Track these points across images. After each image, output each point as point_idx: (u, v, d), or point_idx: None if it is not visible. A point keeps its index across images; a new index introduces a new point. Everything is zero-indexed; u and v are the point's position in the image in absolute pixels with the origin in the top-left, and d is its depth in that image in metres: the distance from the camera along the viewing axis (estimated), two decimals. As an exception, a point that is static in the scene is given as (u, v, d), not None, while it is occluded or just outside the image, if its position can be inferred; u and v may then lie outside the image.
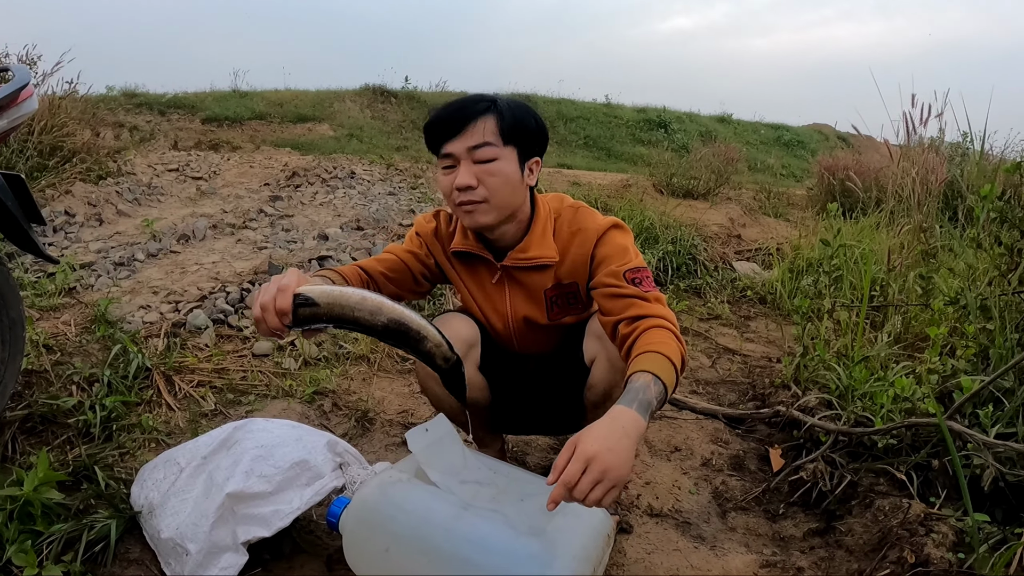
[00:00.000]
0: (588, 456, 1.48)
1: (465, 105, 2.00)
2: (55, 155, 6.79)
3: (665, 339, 1.82)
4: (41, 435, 2.50)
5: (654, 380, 1.69)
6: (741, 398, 3.61)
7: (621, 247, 2.10)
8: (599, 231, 2.12)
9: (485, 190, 1.99)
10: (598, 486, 1.48)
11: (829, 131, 22.84)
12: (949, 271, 3.93)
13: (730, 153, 10.05)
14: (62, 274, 4.11)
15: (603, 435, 1.53)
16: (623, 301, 1.98)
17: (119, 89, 14.42)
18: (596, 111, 19.18)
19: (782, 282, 5.33)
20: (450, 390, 1.87)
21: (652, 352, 1.78)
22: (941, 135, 7.81)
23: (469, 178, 1.97)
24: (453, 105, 2.02)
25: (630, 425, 1.57)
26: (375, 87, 16.93)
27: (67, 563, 1.89)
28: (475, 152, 1.96)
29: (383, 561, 1.77)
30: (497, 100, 2.02)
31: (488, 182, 1.98)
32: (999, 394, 2.45)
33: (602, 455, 1.49)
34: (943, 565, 1.94)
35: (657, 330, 1.86)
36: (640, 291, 1.98)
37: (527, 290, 2.21)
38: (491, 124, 1.97)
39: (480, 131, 1.96)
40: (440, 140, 2.01)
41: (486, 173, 1.98)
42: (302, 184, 8.12)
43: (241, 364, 3.30)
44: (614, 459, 1.49)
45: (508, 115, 1.99)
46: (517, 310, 2.24)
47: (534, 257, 2.14)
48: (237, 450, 2.08)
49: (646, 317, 1.91)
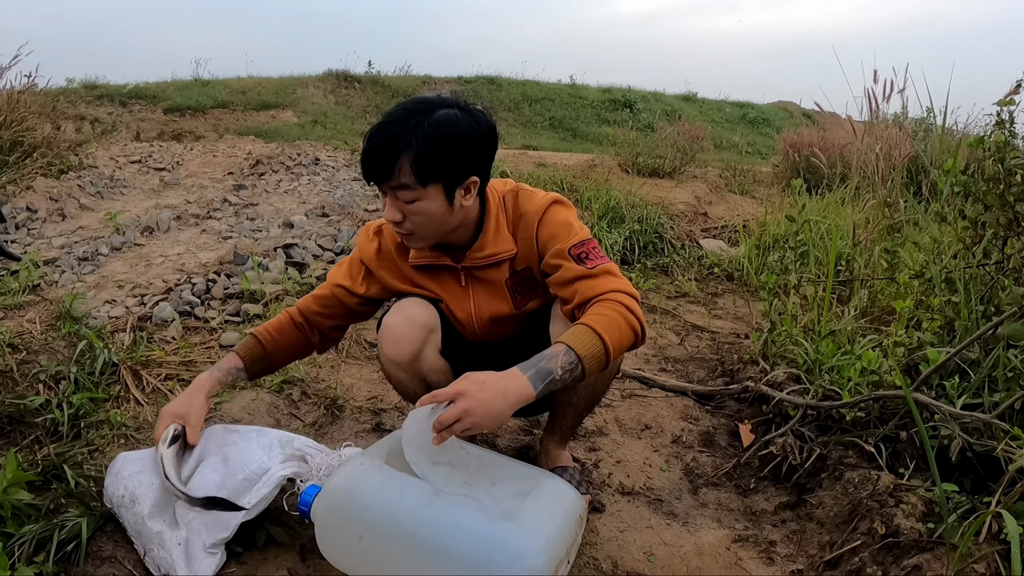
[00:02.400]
0: (460, 392, 1.68)
1: (381, 143, 1.90)
2: (15, 150, 6.71)
3: (600, 310, 1.88)
4: (9, 435, 2.47)
5: (566, 351, 1.78)
6: (710, 375, 3.63)
7: (564, 223, 2.11)
8: (539, 212, 2.13)
9: (411, 224, 1.99)
10: (457, 423, 1.66)
11: (794, 108, 22.95)
12: (914, 245, 3.97)
13: (695, 132, 10.07)
14: (25, 271, 4.05)
15: (484, 385, 1.70)
16: (571, 288, 2.01)
17: (79, 81, 14.28)
18: (561, 92, 19.18)
19: (749, 259, 5.37)
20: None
21: (577, 325, 1.85)
22: (904, 111, 7.88)
23: (394, 214, 1.98)
24: (372, 139, 1.92)
25: (513, 389, 1.71)
26: (338, 72, 16.86)
27: (39, 564, 1.86)
28: (396, 192, 1.94)
29: (357, 549, 1.77)
30: (417, 130, 1.88)
31: (412, 219, 1.98)
32: (965, 366, 2.48)
33: (471, 400, 1.67)
34: (913, 535, 1.96)
35: (597, 304, 1.91)
36: (585, 269, 2.00)
37: (489, 285, 2.21)
38: (406, 165, 1.88)
39: (397, 173, 1.90)
40: (365, 176, 1.97)
41: (410, 212, 1.96)
42: (266, 172, 8.06)
43: (209, 356, 3.27)
44: (479, 408, 1.66)
45: (427, 151, 1.88)
46: (481, 309, 2.24)
47: (492, 254, 2.14)
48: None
49: (592, 298, 1.94)
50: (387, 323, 2.20)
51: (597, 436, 2.92)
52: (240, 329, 3.50)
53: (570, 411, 2.37)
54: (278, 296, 3.89)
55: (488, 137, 2.00)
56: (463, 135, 1.94)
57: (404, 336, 2.16)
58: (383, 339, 2.20)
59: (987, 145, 2.66)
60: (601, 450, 2.82)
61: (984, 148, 2.67)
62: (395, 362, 2.19)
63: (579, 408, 2.36)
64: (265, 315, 3.65)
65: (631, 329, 1.88)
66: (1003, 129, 2.74)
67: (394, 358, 2.19)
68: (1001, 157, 2.57)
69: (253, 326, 3.54)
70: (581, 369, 1.78)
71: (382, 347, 2.21)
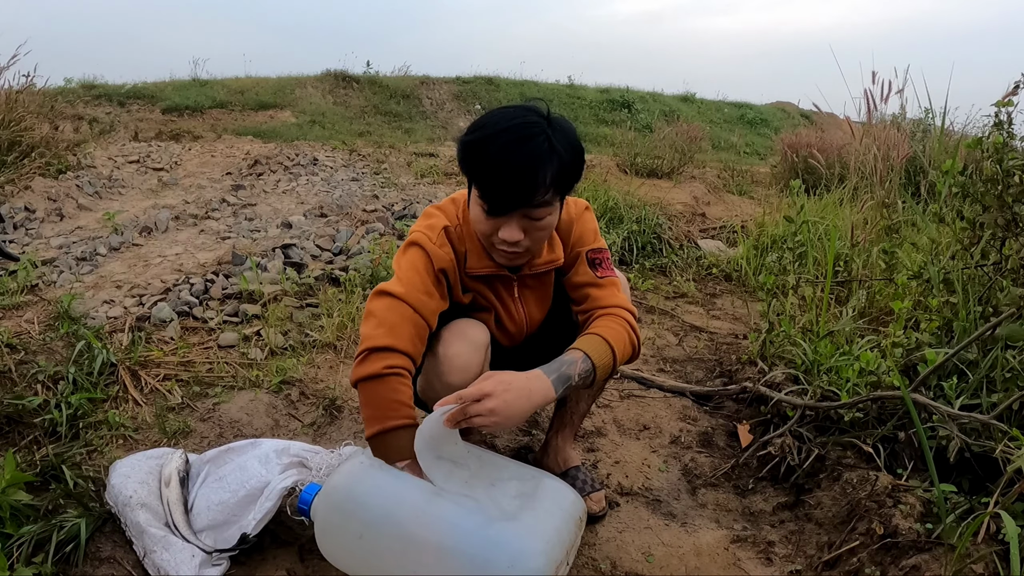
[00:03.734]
0: (487, 392, 1.69)
1: (529, 158, 1.79)
2: (13, 150, 6.70)
3: (610, 324, 2.00)
4: (7, 436, 2.47)
5: (583, 358, 1.88)
6: (708, 375, 3.63)
7: (592, 230, 2.19)
8: (577, 217, 2.18)
9: (529, 241, 1.94)
10: (478, 417, 1.69)
11: (792, 109, 22.92)
12: (912, 246, 3.98)
13: (694, 132, 10.05)
14: (23, 271, 4.05)
15: (510, 386, 1.72)
16: (580, 291, 2.13)
17: (77, 81, 14.25)
18: (559, 92, 19.14)
19: (747, 259, 5.36)
20: None
21: (591, 334, 1.96)
22: (903, 111, 7.89)
23: (517, 233, 1.90)
24: (513, 152, 1.79)
25: (537, 392, 1.76)
26: (337, 72, 16.81)
27: (38, 564, 1.87)
28: (532, 211, 1.87)
29: (356, 547, 1.77)
30: (552, 136, 1.82)
31: (534, 235, 1.94)
32: (963, 366, 2.49)
33: (498, 400, 1.69)
34: (911, 536, 1.97)
35: (606, 317, 2.03)
36: (594, 277, 2.10)
37: (539, 291, 2.24)
38: (548, 181, 1.82)
39: (543, 192, 1.83)
40: (501, 203, 1.85)
41: (535, 228, 1.92)
42: (264, 172, 8.05)
43: (207, 356, 3.27)
44: (505, 409, 1.69)
45: (567, 165, 1.85)
46: (533, 316, 2.26)
47: (549, 261, 2.14)
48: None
49: (600, 308, 2.06)
50: (449, 353, 2.04)
51: (595, 436, 2.92)
52: (238, 330, 3.49)
53: (581, 406, 2.46)
54: (276, 296, 3.88)
55: (582, 152, 1.96)
56: (580, 142, 1.93)
57: (472, 363, 2.04)
58: (447, 369, 2.03)
59: (985, 146, 2.66)
60: (599, 450, 2.82)
61: (982, 149, 2.67)
62: (457, 387, 1.90)
63: (588, 401, 2.47)
64: (263, 315, 3.65)
65: (631, 344, 2.02)
66: (1001, 130, 2.74)
67: (460, 385, 1.91)
68: (999, 158, 2.58)
69: (251, 326, 3.54)
70: (594, 377, 1.90)
71: (445, 376, 2.02)
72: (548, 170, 1.81)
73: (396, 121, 14.83)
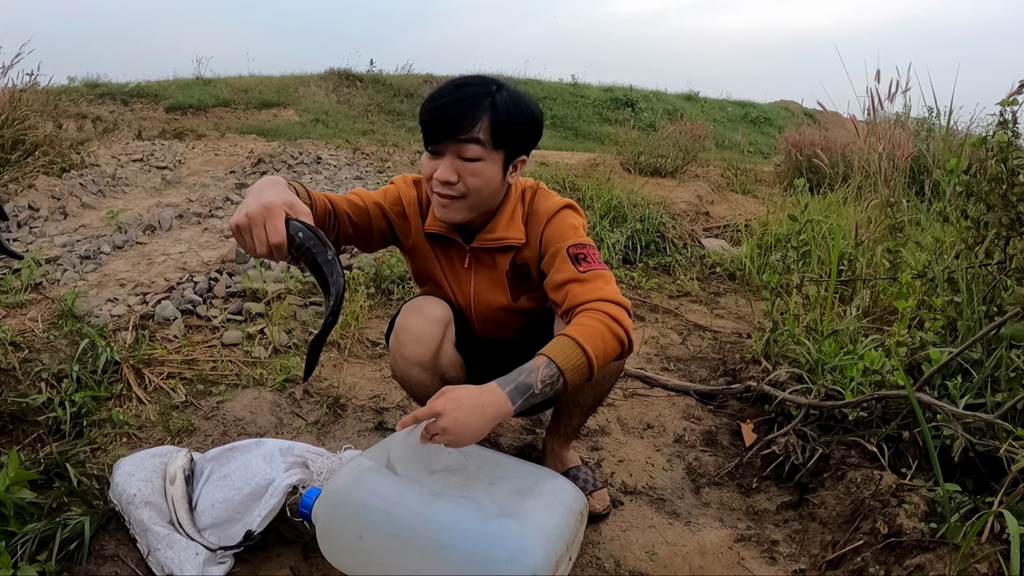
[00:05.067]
0: (439, 411, 1.68)
1: (464, 99, 1.91)
2: (17, 149, 6.70)
3: (584, 321, 1.87)
4: (11, 434, 2.47)
5: (546, 363, 1.77)
6: (712, 374, 3.63)
7: (570, 226, 2.12)
8: (550, 212, 2.14)
9: (464, 186, 1.97)
10: (436, 436, 1.69)
11: (796, 108, 22.92)
12: (916, 245, 3.97)
13: (697, 131, 10.04)
14: (27, 270, 4.05)
15: (461, 403, 1.70)
16: (561, 291, 2.02)
17: (81, 79, 14.29)
18: (563, 91, 19.15)
19: (751, 258, 5.36)
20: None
21: (559, 336, 1.84)
22: (907, 110, 7.89)
23: (450, 173, 1.94)
24: (450, 93, 1.93)
25: (491, 405, 1.71)
26: (340, 71, 16.83)
27: (42, 563, 1.87)
28: (462, 147, 1.92)
29: (357, 549, 1.77)
30: (497, 94, 1.94)
31: (468, 181, 1.96)
32: (967, 365, 2.48)
33: (449, 419, 1.67)
34: (915, 535, 1.97)
35: (582, 314, 1.90)
36: (577, 272, 2.00)
37: (491, 272, 2.21)
38: (486, 123, 1.90)
39: (475, 127, 1.90)
40: (432, 132, 1.94)
41: (468, 172, 1.95)
42: (268, 170, 8.04)
43: (211, 354, 3.27)
44: (456, 427, 1.67)
45: (504, 114, 1.92)
46: (480, 294, 2.24)
47: (501, 238, 2.13)
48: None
49: (578, 306, 1.94)
50: (404, 324, 2.19)
51: (599, 435, 2.92)
52: (242, 328, 3.50)
53: (576, 411, 2.36)
54: (280, 295, 3.89)
55: (538, 122, 2.06)
56: (532, 112, 2.02)
57: (425, 334, 2.15)
58: (403, 341, 2.18)
59: (990, 145, 2.66)
60: (603, 449, 2.82)
61: (987, 148, 2.67)
62: (417, 362, 2.17)
63: (585, 408, 2.36)
64: (267, 313, 3.65)
65: (616, 339, 1.87)
66: (1006, 129, 2.73)
67: (417, 358, 2.17)
68: (1004, 157, 2.57)
69: (255, 324, 3.55)
70: (563, 382, 1.77)
71: (401, 349, 2.19)
72: (479, 111, 1.90)
73: (400, 120, 14.84)
